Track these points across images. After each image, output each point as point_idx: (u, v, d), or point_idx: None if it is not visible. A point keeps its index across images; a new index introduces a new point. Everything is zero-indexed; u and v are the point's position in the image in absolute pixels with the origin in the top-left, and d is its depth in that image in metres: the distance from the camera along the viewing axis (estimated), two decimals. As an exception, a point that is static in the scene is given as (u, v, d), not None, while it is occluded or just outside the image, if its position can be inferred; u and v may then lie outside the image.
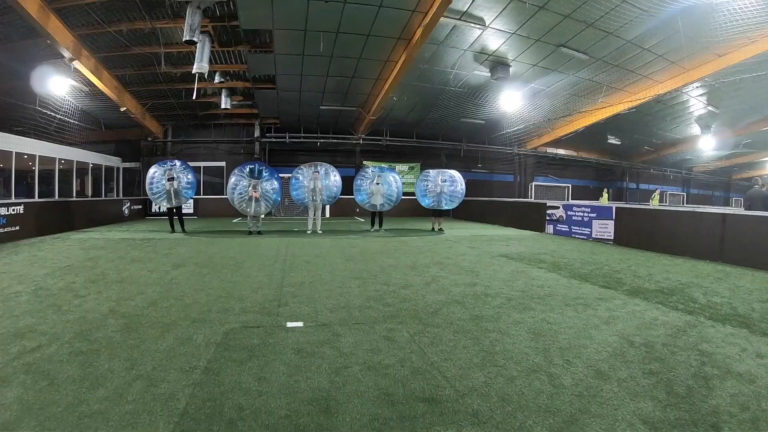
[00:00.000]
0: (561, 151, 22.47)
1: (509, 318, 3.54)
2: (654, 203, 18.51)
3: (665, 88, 14.12)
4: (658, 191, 18.66)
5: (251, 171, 9.98)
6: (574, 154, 23.13)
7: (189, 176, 10.47)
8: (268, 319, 3.41)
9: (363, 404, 2.07)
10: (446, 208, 11.73)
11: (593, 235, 10.03)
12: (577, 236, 10.52)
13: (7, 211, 9.07)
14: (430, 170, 12.00)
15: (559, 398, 2.19)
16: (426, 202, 11.77)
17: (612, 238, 9.52)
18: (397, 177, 11.41)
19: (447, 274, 5.38)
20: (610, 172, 25.68)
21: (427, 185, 11.63)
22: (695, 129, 19.67)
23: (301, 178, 10.76)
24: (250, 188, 9.76)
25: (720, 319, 3.78)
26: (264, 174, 10.05)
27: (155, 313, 3.57)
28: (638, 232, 8.92)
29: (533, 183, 21.72)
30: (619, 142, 21.58)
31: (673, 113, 17.97)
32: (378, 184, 10.92)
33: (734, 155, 26.06)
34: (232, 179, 9.97)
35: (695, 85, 14.27)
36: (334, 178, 11.06)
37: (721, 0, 9.20)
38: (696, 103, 16.58)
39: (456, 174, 11.77)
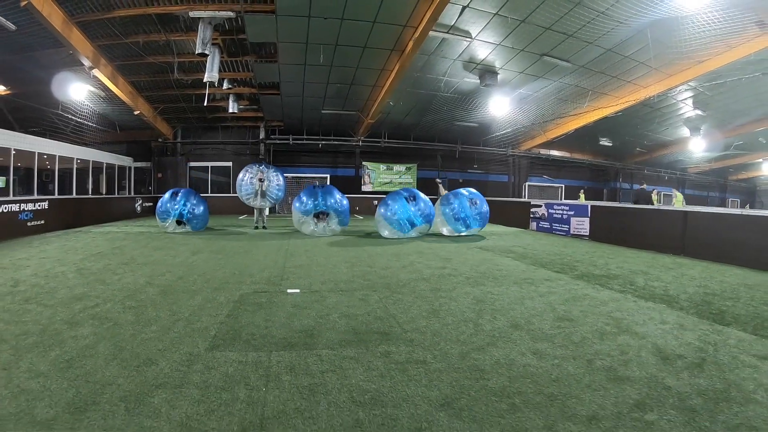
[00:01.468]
0: (555, 153, 23.26)
1: (462, 290, 4.45)
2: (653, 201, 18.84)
3: (649, 93, 14.79)
4: (655, 191, 18.59)
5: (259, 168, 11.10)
6: (568, 155, 23.90)
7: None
8: (272, 288, 4.39)
9: (336, 334, 3.01)
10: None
11: (571, 232, 10.87)
12: (557, 232, 11.37)
13: (34, 206, 10.06)
14: (456, 197, 10.25)
15: (476, 337, 3.09)
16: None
17: (588, 234, 10.35)
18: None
19: (423, 261, 6.30)
20: (604, 172, 26.40)
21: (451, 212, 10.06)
22: (685, 131, 20.26)
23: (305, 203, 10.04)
24: (256, 179, 10.77)
25: (645, 297, 4.47)
26: (270, 169, 11.06)
27: (183, 284, 4.52)
28: (611, 228, 9.73)
29: (526, 183, 22.55)
30: (611, 144, 22.31)
31: (661, 116, 18.59)
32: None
33: (727, 156, 26.41)
34: (240, 175, 11.00)
35: (679, 89, 14.96)
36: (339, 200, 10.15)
37: (687, 14, 9.99)
38: (683, 106, 17.28)
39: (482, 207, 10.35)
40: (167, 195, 10.42)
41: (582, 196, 20.03)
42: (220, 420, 1.90)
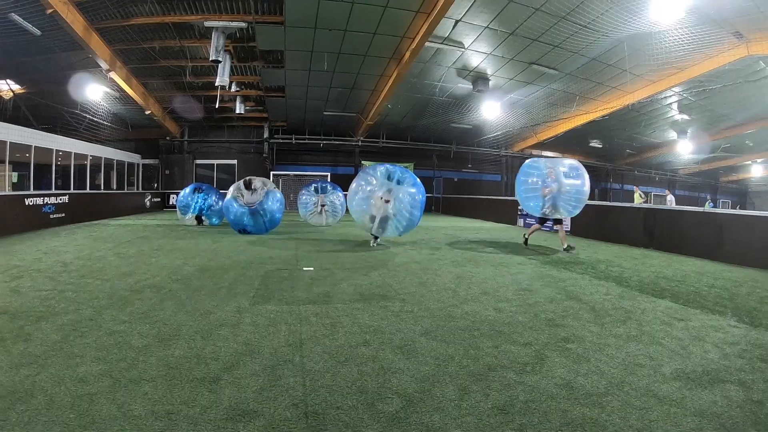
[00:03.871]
0: (548, 154, 24.17)
1: (446, 270, 5.37)
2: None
3: (634, 98, 15.64)
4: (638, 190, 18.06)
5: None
6: (560, 156, 24.82)
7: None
8: (291, 267, 5.30)
9: (347, 295, 3.93)
10: (565, 215, 7.92)
11: (554, 227, 11.75)
12: (542, 228, 12.22)
13: (57, 200, 10.86)
14: (540, 160, 8.28)
15: (453, 298, 3.99)
16: (531, 206, 8.02)
17: (568, 229, 11.24)
18: (418, 190, 7.20)
19: (416, 249, 7.21)
20: (595, 173, 27.32)
21: (537, 182, 7.78)
22: (673, 134, 21.09)
23: (308, 203, 11.30)
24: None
25: (600, 278, 5.26)
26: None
27: (215, 264, 5.41)
28: (590, 224, 10.61)
29: (519, 182, 23.45)
30: (601, 146, 23.25)
31: (648, 119, 19.43)
32: (387, 201, 6.91)
33: (716, 158, 27.22)
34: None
35: (663, 94, 15.83)
36: (338, 200, 11.27)
37: (662, 29, 10.92)
38: (669, 110, 18.17)
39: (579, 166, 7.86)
40: (188, 189, 11.02)
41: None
42: (271, 341, 2.80)
